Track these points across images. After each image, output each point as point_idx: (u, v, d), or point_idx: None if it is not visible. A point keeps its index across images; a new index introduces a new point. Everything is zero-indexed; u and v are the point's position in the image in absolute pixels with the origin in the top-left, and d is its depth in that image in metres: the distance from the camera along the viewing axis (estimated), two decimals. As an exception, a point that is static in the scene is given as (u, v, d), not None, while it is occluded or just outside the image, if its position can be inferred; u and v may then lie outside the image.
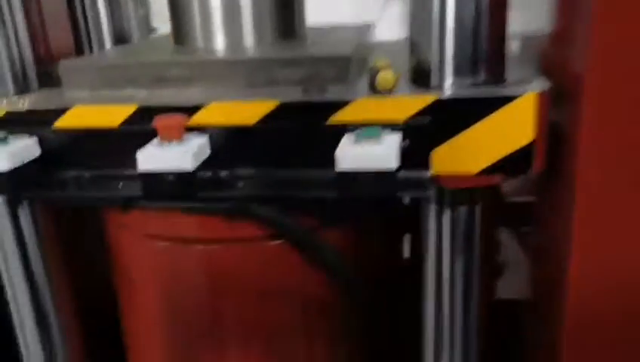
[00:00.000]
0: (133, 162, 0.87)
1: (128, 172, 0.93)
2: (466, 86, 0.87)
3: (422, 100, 0.86)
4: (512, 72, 0.92)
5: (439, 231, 0.98)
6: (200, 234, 1.02)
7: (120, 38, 1.33)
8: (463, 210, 0.95)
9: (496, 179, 0.89)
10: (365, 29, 1.27)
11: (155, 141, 0.89)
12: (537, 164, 0.85)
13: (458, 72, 0.88)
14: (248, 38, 1.08)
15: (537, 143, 0.84)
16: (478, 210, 0.94)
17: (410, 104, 0.86)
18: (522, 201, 1.52)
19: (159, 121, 0.86)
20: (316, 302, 1.10)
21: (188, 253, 1.04)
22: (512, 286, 1.49)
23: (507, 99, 0.83)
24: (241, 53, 1.04)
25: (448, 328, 1.05)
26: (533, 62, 1.01)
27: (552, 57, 0.98)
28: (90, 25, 1.31)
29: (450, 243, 0.99)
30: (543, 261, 1.12)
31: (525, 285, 1.30)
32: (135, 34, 1.36)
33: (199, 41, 1.09)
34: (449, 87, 0.88)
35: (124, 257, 1.14)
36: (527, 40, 1.17)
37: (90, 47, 1.32)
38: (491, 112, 0.84)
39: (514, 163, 0.85)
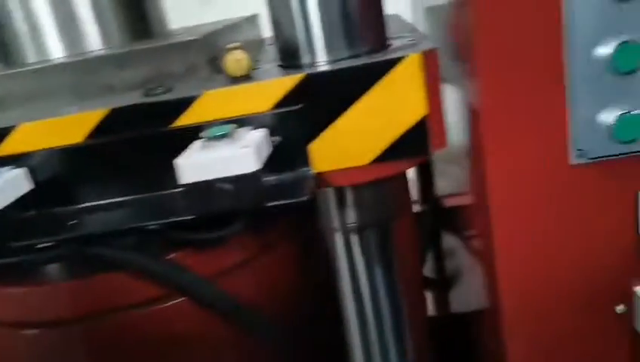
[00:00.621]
0: None
1: None
2: (342, 60, 0.70)
3: (287, 81, 0.67)
4: (402, 42, 0.75)
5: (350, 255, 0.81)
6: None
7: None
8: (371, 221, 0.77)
9: (396, 167, 0.70)
10: (251, 20, 1.09)
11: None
12: (436, 142, 0.67)
13: (330, 45, 0.70)
14: (89, 44, 0.87)
15: (433, 116, 0.66)
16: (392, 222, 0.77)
17: (273, 89, 0.68)
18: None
19: None
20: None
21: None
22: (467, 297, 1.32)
23: (387, 66, 0.65)
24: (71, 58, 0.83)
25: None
26: (440, 33, 0.84)
27: (455, 27, 0.82)
28: None
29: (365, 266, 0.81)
30: (481, 265, 0.95)
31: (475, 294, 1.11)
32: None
33: (29, 56, 0.88)
34: (322, 63, 0.70)
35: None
36: (431, 11, 1.01)
37: None
38: (372, 84, 0.66)
39: (410, 143, 0.67)
